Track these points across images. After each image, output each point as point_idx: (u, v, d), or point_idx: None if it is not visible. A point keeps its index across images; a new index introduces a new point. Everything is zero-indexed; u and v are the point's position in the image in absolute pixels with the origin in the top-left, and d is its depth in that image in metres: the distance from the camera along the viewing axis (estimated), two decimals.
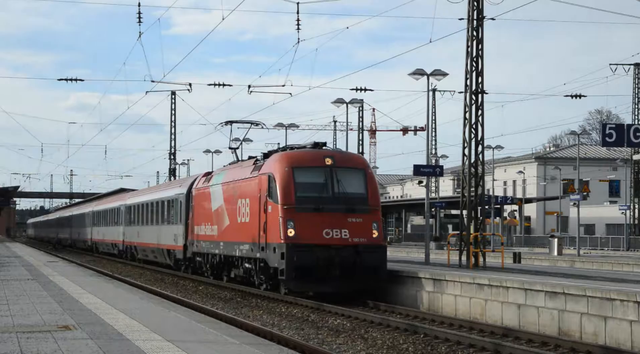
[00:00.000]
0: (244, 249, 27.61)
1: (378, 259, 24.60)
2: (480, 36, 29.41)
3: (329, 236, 24.41)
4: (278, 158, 25.89)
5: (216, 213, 31.36)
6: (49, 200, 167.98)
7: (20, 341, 13.40)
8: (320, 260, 23.97)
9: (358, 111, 62.69)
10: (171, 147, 64.79)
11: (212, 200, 32.10)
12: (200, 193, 34.28)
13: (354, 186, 25.28)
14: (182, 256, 37.59)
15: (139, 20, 35.22)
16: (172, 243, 39.57)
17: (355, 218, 24.77)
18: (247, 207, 27.52)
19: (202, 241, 33.44)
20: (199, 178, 35.88)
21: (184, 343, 13.38)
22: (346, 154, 26.99)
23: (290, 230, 24.29)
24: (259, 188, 26.28)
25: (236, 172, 29.83)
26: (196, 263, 35.20)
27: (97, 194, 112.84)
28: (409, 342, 17.03)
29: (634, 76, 68.26)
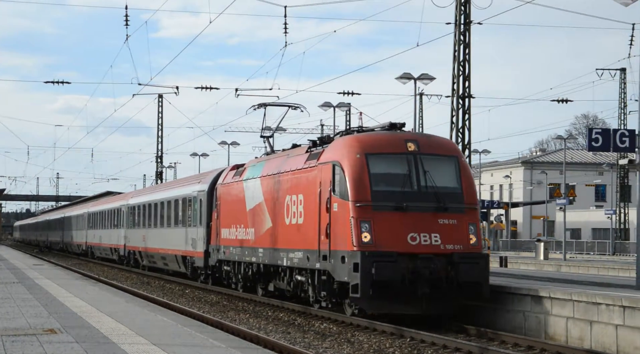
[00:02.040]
0: (296, 258, 22.34)
1: (478, 272, 19.37)
2: (467, 40, 29.51)
3: (416, 242, 19.36)
4: (347, 143, 20.63)
5: (253, 213, 26.03)
6: (35, 203, 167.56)
7: (5, 344, 13.34)
8: (405, 273, 19.00)
9: (345, 115, 62.82)
10: (158, 150, 64.73)
11: (246, 197, 26.66)
12: (228, 189, 28.79)
13: (445, 179, 20.26)
14: (202, 264, 32.18)
15: (126, 23, 35.25)
16: (189, 248, 34.22)
17: (448, 219, 19.78)
18: (299, 205, 22.35)
19: (232, 247, 28.03)
20: (225, 172, 30.35)
21: (170, 346, 13.36)
22: (433, 138, 21.24)
23: (366, 234, 19.23)
24: (318, 181, 21.01)
25: (282, 162, 24.31)
26: (222, 273, 29.78)
27: (84, 197, 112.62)
28: (395, 346, 17.04)
29: (620, 81, 68.53)
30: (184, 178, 41.32)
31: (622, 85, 68.87)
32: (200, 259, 32.26)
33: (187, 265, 34.57)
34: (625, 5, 27.61)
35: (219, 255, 29.48)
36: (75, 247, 71.43)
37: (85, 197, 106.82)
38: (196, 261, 33.02)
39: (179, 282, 35.93)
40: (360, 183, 19.73)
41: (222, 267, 29.64)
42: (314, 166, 21.55)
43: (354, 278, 18.97)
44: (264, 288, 26.20)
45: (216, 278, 30.81)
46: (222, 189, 29.44)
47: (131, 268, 47.09)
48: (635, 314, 16.19)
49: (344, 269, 19.43)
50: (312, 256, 21.18)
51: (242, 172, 27.67)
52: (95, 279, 36.47)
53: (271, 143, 29.19)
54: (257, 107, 28.70)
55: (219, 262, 29.83)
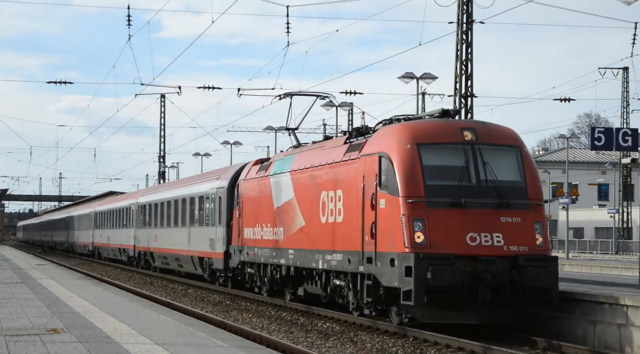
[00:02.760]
0: (334, 260, 20.37)
1: (546, 276, 17.40)
2: (469, 40, 29.49)
3: (475, 243, 17.39)
4: (395, 132, 18.60)
5: (281, 211, 23.81)
6: (38, 203, 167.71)
7: (8, 344, 13.36)
8: (464, 278, 17.02)
9: (348, 114, 62.78)
10: (160, 149, 64.72)
11: (273, 193, 24.46)
12: (252, 185, 26.42)
13: (507, 172, 18.28)
14: (222, 265, 29.94)
15: (128, 23, 35.27)
16: (206, 249, 32.07)
17: (512, 217, 17.77)
18: (338, 202, 20.28)
19: (257, 248, 25.76)
20: (248, 167, 27.95)
21: (173, 346, 13.37)
22: (492, 126, 19.08)
23: (419, 234, 17.26)
24: (361, 174, 19.03)
25: (316, 155, 22.13)
26: (245, 276, 27.42)
27: (87, 197, 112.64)
28: (398, 345, 17.04)
29: (623, 80, 68.48)
30: (200, 175, 39.30)
31: (624, 84, 68.84)
32: (220, 260, 30.17)
33: (205, 266, 32.72)
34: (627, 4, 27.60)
35: (242, 256, 27.21)
36: (81, 247, 69.99)
37: (89, 197, 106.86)
38: (215, 262, 31.01)
39: (182, 282, 35.92)
40: (412, 177, 17.72)
41: (245, 269, 27.37)
42: (355, 158, 19.54)
43: (406, 284, 17.03)
44: (293, 293, 24.24)
45: (237, 281, 29.02)
46: (244, 185, 27.19)
47: (141, 270, 45.31)
48: None
49: (394, 273, 17.46)
50: (353, 258, 19.19)
51: (268, 166, 25.47)
52: (98, 279, 36.50)
53: (297, 136, 26.62)
54: (282, 97, 26.68)
55: (242, 264, 27.56)
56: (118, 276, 41.50)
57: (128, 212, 48.89)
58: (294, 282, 23.79)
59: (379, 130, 19.52)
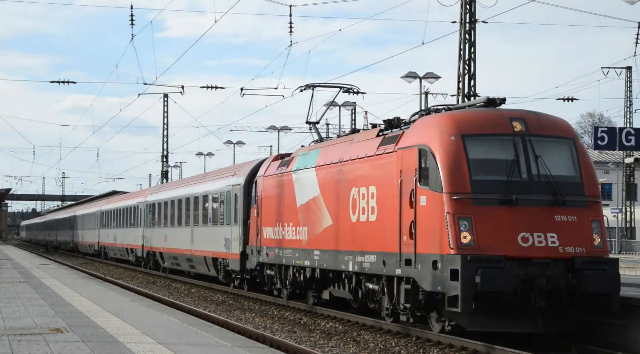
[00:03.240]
0: (366, 262, 18.89)
1: (606, 281, 15.95)
2: (472, 39, 29.48)
3: (528, 243, 15.91)
4: (437, 122, 17.11)
5: (305, 210, 22.33)
6: (41, 203, 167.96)
7: (11, 343, 13.37)
8: (518, 283, 15.57)
9: (350, 114, 62.78)
10: (163, 149, 64.74)
11: (296, 190, 22.98)
12: (272, 182, 24.84)
13: (561, 165, 16.84)
14: (238, 267, 28.46)
15: (131, 23, 35.28)
16: (221, 249, 30.58)
17: (567, 216, 16.30)
18: (371, 199, 18.77)
19: (277, 249, 24.28)
20: (266, 163, 26.30)
21: (176, 345, 13.38)
22: (543, 116, 17.51)
23: (465, 234, 15.83)
24: (398, 169, 17.52)
25: (344, 149, 20.63)
26: (265, 278, 25.76)
27: (90, 196, 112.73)
28: (401, 345, 17.03)
29: (626, 79, 68.37)
30: (214, 172, 37.39)
31: (628, 84, 68.74)
32: (236, 261, 28.65)
33: (219, 268, 31.16)
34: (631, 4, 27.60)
35: (260, 257, 25.63)
36: (87, 247, 68.63)
37: (92, 196, 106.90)
38: (230, 263, 29.50)
39: (185, 281, 35.93)
40: (457, 171, 16.23)
41: (263, 271, 25.72)
42: (391, 152, 17.96)
43: (452, 288, 15.57)
44: (317, 297, 22.86)
45: (254, 283, 27.54)
46: (263, 182, 25.58)
47: (149, 271, 43.81)
48: None
49: (437, 276, 16.01)
50: (389, 260, 17.70)
51: (290, 162, 23.93)
52: (101, 278, 36.52)
53: (318, 131, 25.35)
54: (304, 88, 25.23)
55: (260, 265, 25.97)
56: (121, 276, 41.53)
57: (136, 211, 47.69)
58: (319, 285, 22.46)
59: (418, 121, 17.92)
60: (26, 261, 49.98)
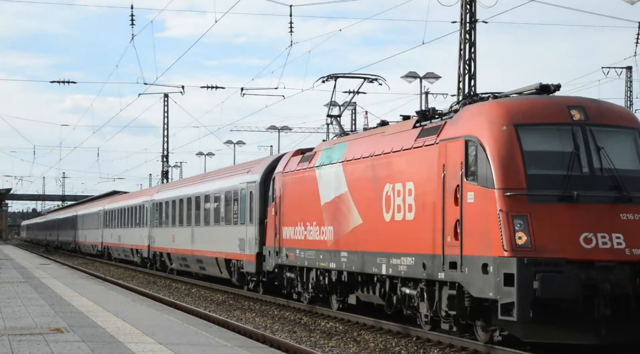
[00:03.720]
0: (403, 264, 17.28)
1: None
2: (473, 39, 29.48)
3: (591, 245, 14.40)
4: (487, 111, 15.58)
5: (331, 208, 20.82)
6: (41, 203, 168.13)
7: (12, 343, 13.38)
8: (580, 289, 14.06)
9: (351, 114, 62.78)
10: (164, 149, 64.73)
11: (320, 187, 21.45)
12: (293, 179, 23.33)
13: (626, 159, 15.19)
14: (253, 269, 26.94)
15: (131, 23, 35.29)
16: (235, 250, 29.07)
17: (634, 214, 14.70)
18: (408, 196, 17.14)
19: (299, 250, 22.76)
20: (285, 158, 24.72)
21: (176, 345, 13.38)
22: (604, 104, 16.08)
23: (521, 234, 14.32)
24: (441, 163, 15.94)
25: (375, 143, 18.98)
26: (284, 281, 24.26)
27: (90, 196, 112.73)
28: (402, 345, 17.02)
29: (626, 79, 68.41)
30: (227, 169, 35.66)
31: (628, 84, 68.78)
32: (251, 263, 27.08)
33: (232, 269, 29.63)
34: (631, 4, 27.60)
35: (279, 258, 24.09)
36: (89, 248, 67.16)
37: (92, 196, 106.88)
38: (245, 265, 27.87)
39: (185, 281, 35.92)
40: (510, 165, 14.72)
41: (282, 274, 24.23)
42: (431, 144, 16.34)
43: (506, 295, 14.13)
44: (342, 301, 21.49)
45: (271, 286, 26.17)
46: (282, 179, 23.97)
47: (155, 272, 42.17)
48: None
49: (488, 281, 14.51)
50: (430, 262, 16.15)
51: (312, 157, 22.43)
52: (101, 278, 36.54)
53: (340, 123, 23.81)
54: (326, 79, 23.60)
55: (279, 267, 24.40)
56: (121, 276, 41.54)
57: (141, 210, 46.09)
58: (345, 289, 21.02)
59: (463, 110, 16.22)
60: (26, 261, 50.00)
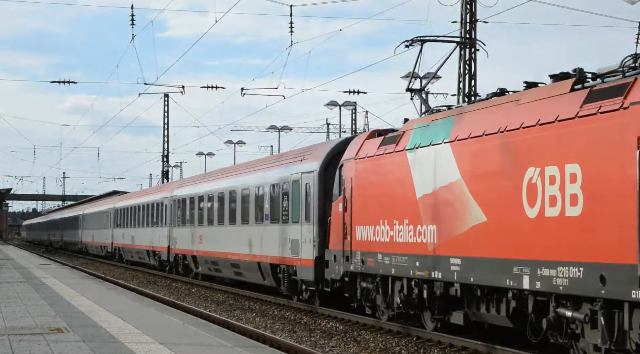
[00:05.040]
0: (562, 277, 12.97)
1: None
2: (473, 39, 29.49)
3: None
4: None
5: (431, 201, 16.53)
6: (42, 202, 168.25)
7: (12, 343, 13.38)
8: None
9: (351, 113, 62.84)
10: (164, 149, 64.78)
11: (415, 175, 17.16)
12: (371, 166, 19.11)
13: None
14: (311, 276, 22.41)
15: (132, 23, 35.29)
16: (285, 254, 24.48)
17: None
18: (571, 184, 12.88)
19: (381, 255, 18.38)
20: (357, 142, 20.36)
21: (177, 345, 13.38)
22: None
23: None
24: (633, 135, 11.73)
25: (504, 114, 14.83)
26: (357, 292, 19.96)
27: (90, 196, 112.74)
28: (402, 345, 17.03)
29: None
30: (271, 157, 30.91)
31: None
32: (308, 270, 22.69)
33: (281, 276, 25.01)
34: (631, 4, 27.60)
35: (350, 265, 19.84)
36: (97, 249, 62.80)
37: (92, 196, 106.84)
38: (300, 272, 23.37)
39: (185, 281, 35.90)
40: None
41: (356, 284, 19.99)
42: (613, 110, 12.11)
43: None
44: (440, 320, 17.27)
45: (334, 297, 21.99)
46: (355, 167, 19.84)
47: (177, 277, 38.12)
48: None
49: None
50: (614, 275, 11.90)
51: (399, 138, 18.09)
52: (101, 278, 36.54)
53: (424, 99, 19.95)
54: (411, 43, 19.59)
55: (350, 276, 20.24)
56: (122, 276, 41.54)
57: (159, 208, 41.67)
58: (447, 305, 16.75)
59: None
60: (27, 261, 50.00)
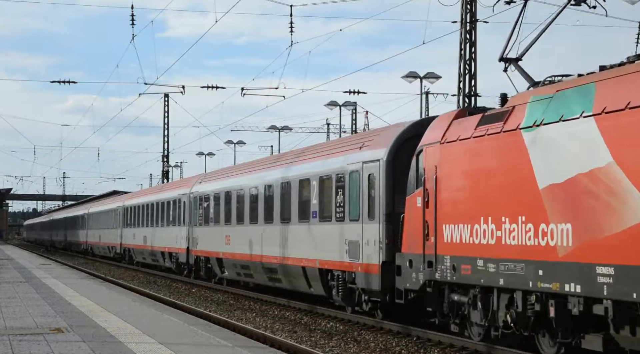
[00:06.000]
0: None
1: None
2: (473, 39, 29.48)
3: None
4: None
5: (563, 193, 13.18)
6: (42, 202, 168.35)
7: (12, 343, 13.39)
8: None
9: (351, 113, 62.83)
10: (164, 149, 64.76)
11: (535, 160, 13.79)
12: (467, 150, 15.60)
13: None
14: (377, 285, 19.05)
15: (132, 23, 35.29)
16: (339, 258, 21.00)
17: None
18: None
19: (483, 260, 14.87)
20: (443, 121, 16.82)
21: (177, 345, 13.38)
22: None
23: None
24: None
25: None
26: (444, 306, 16.57)
27: (90, 196, 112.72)
28: (402, 345, 17.03)
29: None
30: (318, 146, 26.05)
31: None
32: (372, 277, 19.27)
33: (334, 284, 21.52)
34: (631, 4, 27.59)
35: (436, 272, 16.38)
36: (105, 250, 59.65)
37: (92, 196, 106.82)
38: (359, 279, 19.94)
39: (186, 281, 35.88)
40: None
41: (443, 296, 16.63)
42: None
43: None
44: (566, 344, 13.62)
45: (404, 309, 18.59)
46: (440, 153, 16.45)
47: (195, 281, 34.87)
48: None
49: None
50: None
51: (508, 114, 14.67)
52: (102, 278, 36.54)
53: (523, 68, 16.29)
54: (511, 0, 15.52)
55: (433, 285, 16.76)
56: (122, 276, 41.54)
57: (177, 206, 38.19)
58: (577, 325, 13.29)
59: None
60: (27, 261, 50.01)
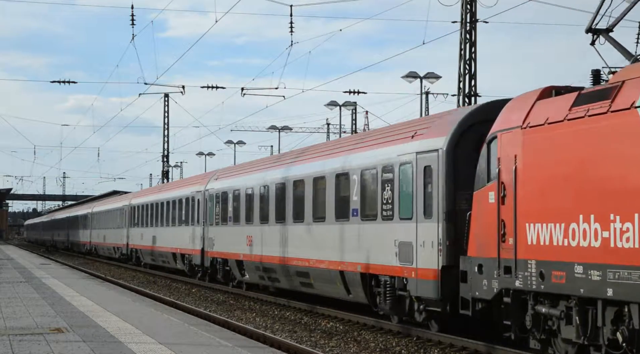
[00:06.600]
0: None
1: None
2: (473, 39, 29.49)
3: None
4: None
5: None
6: (42, 202, 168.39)
7: (12, 343, 13.39)
8: None
9: (351, 114, 62.82)
10: (164, 149, 64.76)
11: None
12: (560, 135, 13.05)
13: None
14: (433, 292, 16.91)
15: (132, 23, 35.30)
16: (385, 261, 18.71)
17: None
18: None
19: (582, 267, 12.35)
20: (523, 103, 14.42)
21: (177, 345, 13.38)
22: None
23: None
24: None
25: None
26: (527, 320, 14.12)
27: (90, 196, 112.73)
28: (402, 345, 17.03)
29: None
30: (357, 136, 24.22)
31: None
32: (429, 284, 16.98)
33: (380, 291, 19.10)
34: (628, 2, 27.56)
35: (516, 280, 14.02)
36: (110, 250, 57.63)
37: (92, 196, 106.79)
38: (413, 286, 17.62)
39: (186, 281, 35.85)
40: None
41: (525, 309, 14.18)
42: None
43: None
44: None
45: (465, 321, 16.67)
46: (522, 140, 14.05)
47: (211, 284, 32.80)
48: None
49: None
50: None
51: (616, 91, 12.32)
52: (102, 278, 36.54)
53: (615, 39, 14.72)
54: None
55: (512, 296, 14.38)
56: (121, 276, 41.54)
57: (190, 204, 36.21)
58: None
59: None
60: (27, 261, 50.01)
